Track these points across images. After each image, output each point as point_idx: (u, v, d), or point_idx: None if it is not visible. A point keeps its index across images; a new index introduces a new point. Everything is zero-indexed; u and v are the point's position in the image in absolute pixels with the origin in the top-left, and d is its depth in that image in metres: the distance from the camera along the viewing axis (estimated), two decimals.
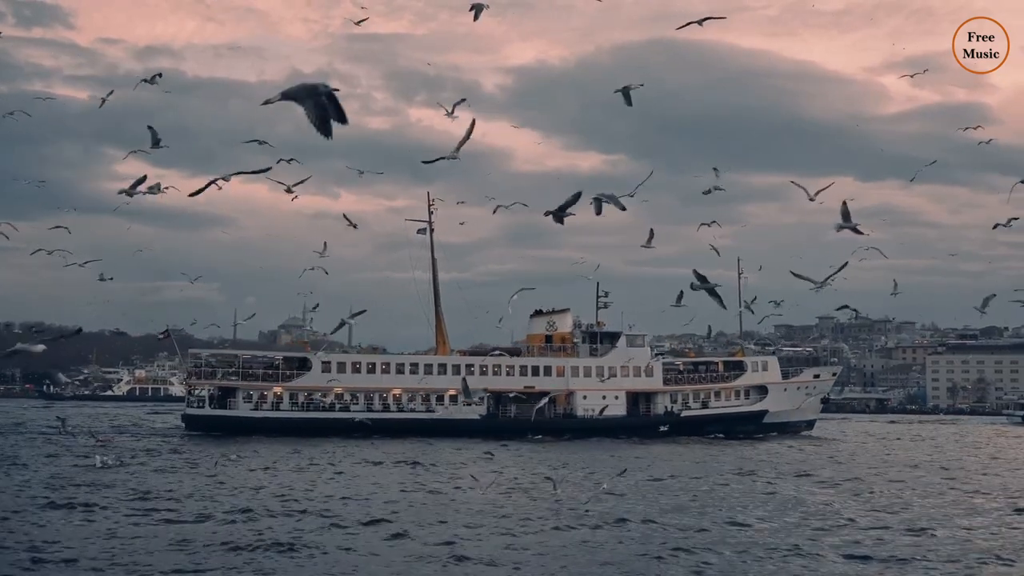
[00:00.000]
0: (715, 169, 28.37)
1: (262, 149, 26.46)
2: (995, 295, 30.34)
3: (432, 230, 71.54)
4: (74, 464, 37.25)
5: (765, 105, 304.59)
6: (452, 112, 24.68)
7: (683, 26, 22.31)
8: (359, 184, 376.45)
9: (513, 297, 42.35)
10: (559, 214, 16.09)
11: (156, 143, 20.99)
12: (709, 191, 27.32)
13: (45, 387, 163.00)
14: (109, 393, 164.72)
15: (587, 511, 25.25)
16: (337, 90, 7.81)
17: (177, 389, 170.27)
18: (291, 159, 26.74)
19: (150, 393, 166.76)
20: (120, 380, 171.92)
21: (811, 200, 21.74)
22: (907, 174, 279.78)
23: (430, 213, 71.63)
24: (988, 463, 47.75)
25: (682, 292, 26.72)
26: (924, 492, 32.10)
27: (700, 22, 24.28)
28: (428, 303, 70.86)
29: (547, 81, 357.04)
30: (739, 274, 75.61)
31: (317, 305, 56.53)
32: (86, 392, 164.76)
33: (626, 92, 20.79)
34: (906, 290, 30.85)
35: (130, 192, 20.86)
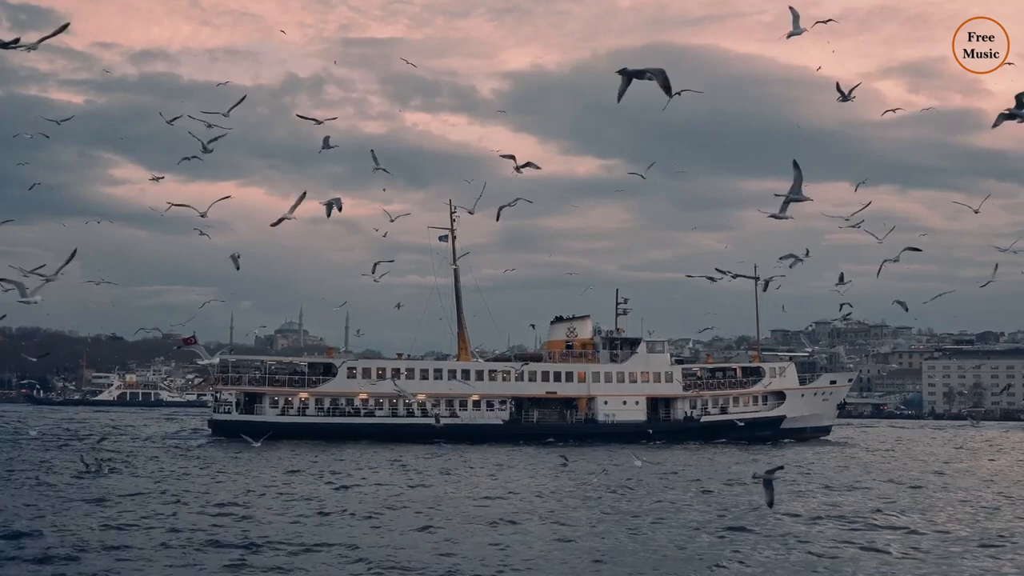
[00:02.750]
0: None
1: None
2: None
3: (454, 237, 73.78)
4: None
5: (760, 110, 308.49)
6: (207, 146, 26.42)
7: (666, 105, 24.59)
8: (355, 188, 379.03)
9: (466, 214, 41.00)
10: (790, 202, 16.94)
11: (375, 163, 23.24)
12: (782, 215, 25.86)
13: (35, 392, 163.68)
14: (99, 398, 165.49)
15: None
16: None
17: (167, 394, 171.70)
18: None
19: (140, 398, 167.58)
20: (110, 385, 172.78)
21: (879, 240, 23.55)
22: (903, 180, 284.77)
23: (452, 220, 73.86)
24: None
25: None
26: None
27: (679, 93, 26.28)
28: (426, 308, 73.42)
29: (543, 86, 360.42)
30: (756, 281, 78.38)
31: (400, 304, 57.56)
32: (76, 397, 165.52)
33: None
34: (902, 295, 32.61)
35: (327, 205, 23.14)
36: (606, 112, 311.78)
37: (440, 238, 73.39)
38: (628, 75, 14.51)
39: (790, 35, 22.00)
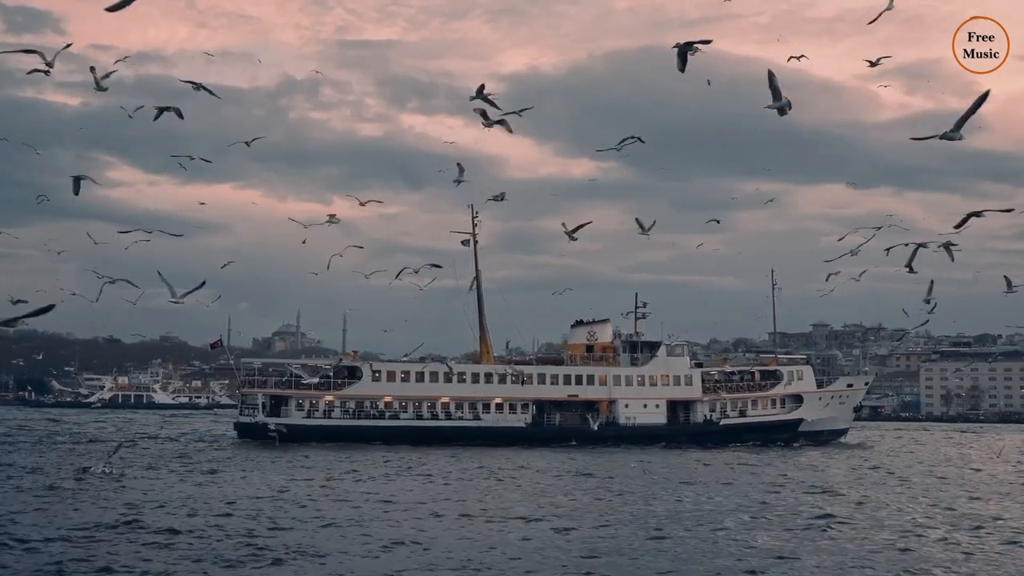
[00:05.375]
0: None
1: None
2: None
3: (476, 242, 75.71)
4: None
5: (757, 112, 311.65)
6: (99, 83, 24.99)
7: (607, 148, 25.88)
8: (352, 190, 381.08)
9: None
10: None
11: (460, 174, 24.93)
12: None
13: (27, 394, 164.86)
14: (91, 400, 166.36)
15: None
16: None
17: (161, 396, 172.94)
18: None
19: (132, 400, 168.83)
20: (103, 387, 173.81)
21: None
22: (900, 181, 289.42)
23: (474, 225, 75.81)
24: None
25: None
26: None
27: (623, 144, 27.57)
28: (416, 310, 75.18)
29: (540, 88, 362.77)
30: (772, 285, 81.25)
31: (473, 281, 57.42)
32: (68, 399, 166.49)
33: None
34: (901, 297, 34.65)
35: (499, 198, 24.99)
36: (602, 114, 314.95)
37: (462, 242, 75.41)
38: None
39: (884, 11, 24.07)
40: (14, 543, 23.25)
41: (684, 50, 18.36)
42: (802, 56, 32.21)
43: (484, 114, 25.67)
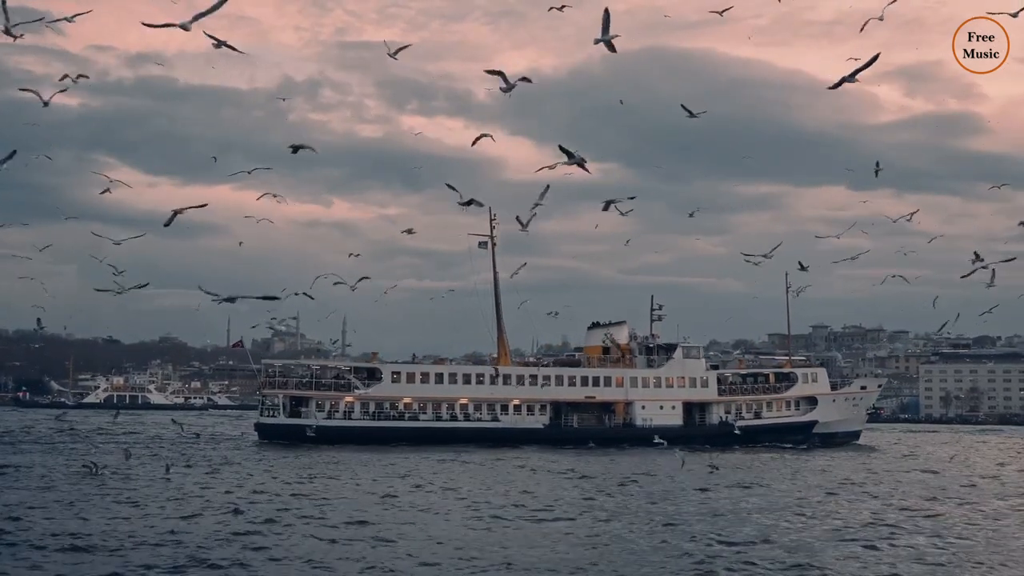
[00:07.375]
0: None
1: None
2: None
3: (495, 244, 77.09)
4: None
5: (756, 114, 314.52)
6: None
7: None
8: (352, 192, 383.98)
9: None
10: None
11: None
12: None
13: (21, 395, 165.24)
14: (86, 401, 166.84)
15: None
16: None
17: (156, 397, 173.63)
18: None
19: (128, 400, 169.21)
20: (97, 388, 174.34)
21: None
22: (899, 184, 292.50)
23: (492, 227, 77.18)
24: None
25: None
26: None
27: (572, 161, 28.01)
28: (415, 311, 76.82)
29: (539, 90, 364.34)
30: (787, 288, 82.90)
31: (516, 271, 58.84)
32: (63, 400, 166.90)
33: None
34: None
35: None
36: (603, 115, 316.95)
37: (480, 244, 76.71)
38: None
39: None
40: (25, 544, 23.44)
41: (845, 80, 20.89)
42: (726, 10, 32.61)
43: (504, 78, 26.55)
